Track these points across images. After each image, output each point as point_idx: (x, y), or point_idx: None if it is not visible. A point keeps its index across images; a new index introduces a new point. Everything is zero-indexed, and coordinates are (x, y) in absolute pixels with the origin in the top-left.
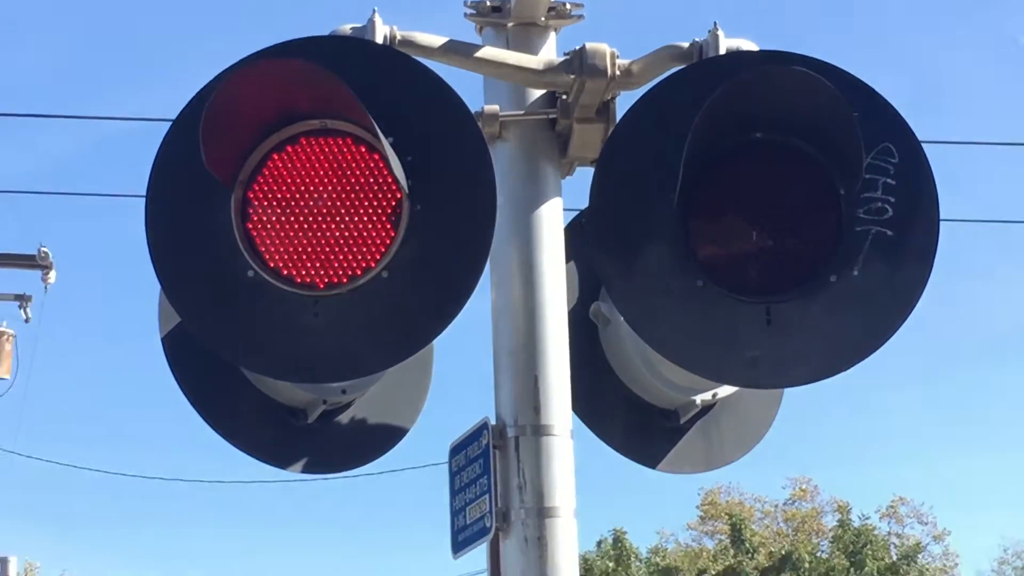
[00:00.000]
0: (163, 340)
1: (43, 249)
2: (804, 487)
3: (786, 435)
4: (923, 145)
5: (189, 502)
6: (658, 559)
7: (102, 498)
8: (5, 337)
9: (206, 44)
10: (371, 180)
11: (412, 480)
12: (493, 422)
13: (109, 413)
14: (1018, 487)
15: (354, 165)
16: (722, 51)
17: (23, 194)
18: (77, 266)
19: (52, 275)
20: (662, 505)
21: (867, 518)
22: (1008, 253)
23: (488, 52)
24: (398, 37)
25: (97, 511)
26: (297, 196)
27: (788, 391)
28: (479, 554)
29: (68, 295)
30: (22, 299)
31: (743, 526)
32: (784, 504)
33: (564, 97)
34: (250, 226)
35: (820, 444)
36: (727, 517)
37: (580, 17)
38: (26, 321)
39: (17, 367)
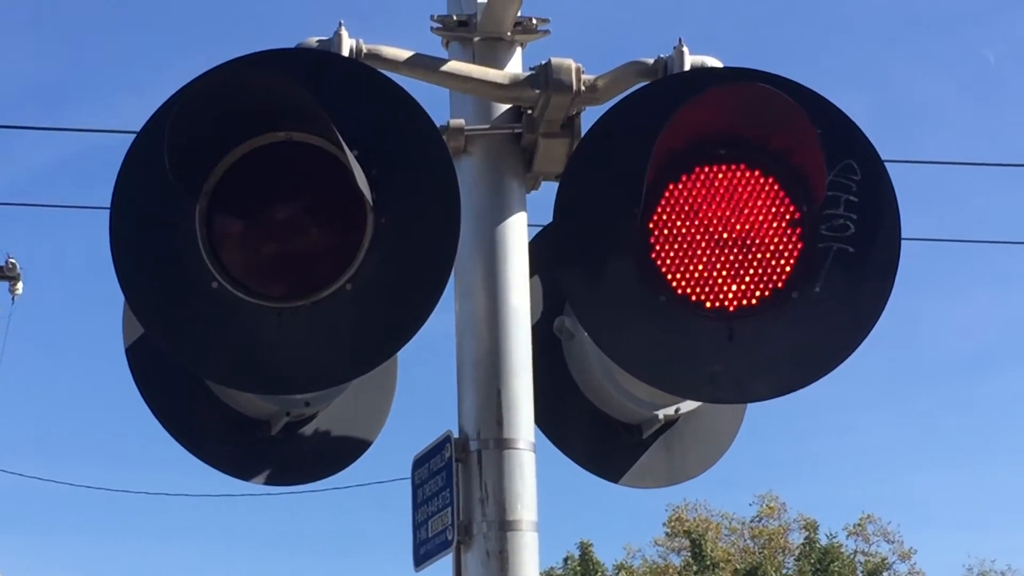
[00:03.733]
0: (127, 351)
1: (11, 260)
2: (771, 504)
3: (754, 453)
4: (885, 163)
5: (154, 515)
6: (624, 575)
7: (66, 510)
8: None
9: (175, 57)
10: (336, 193)
11: (375, 495)
12: (456, 435)
13: (74, 425)
14: (985, 506)
15: (319, 177)
16: (687, 67)
17: None
18: (45, 278)
19: (19, 286)
20: (629, 521)
21: (834, 536)
22: (975, 273)
23: (454, 66)
24: (364, 50)
25: (61, 523)
26: (262, 208)
27: (753, 408)
28: (442, 568)
29: (36, 307)
30: None
31: (703, 542)
32: (751, 521)
33: (529, 112)
34: (215, 237)
35: (789, 462)
36: (691, 534)
37: (546, 32)
38: None
39: None
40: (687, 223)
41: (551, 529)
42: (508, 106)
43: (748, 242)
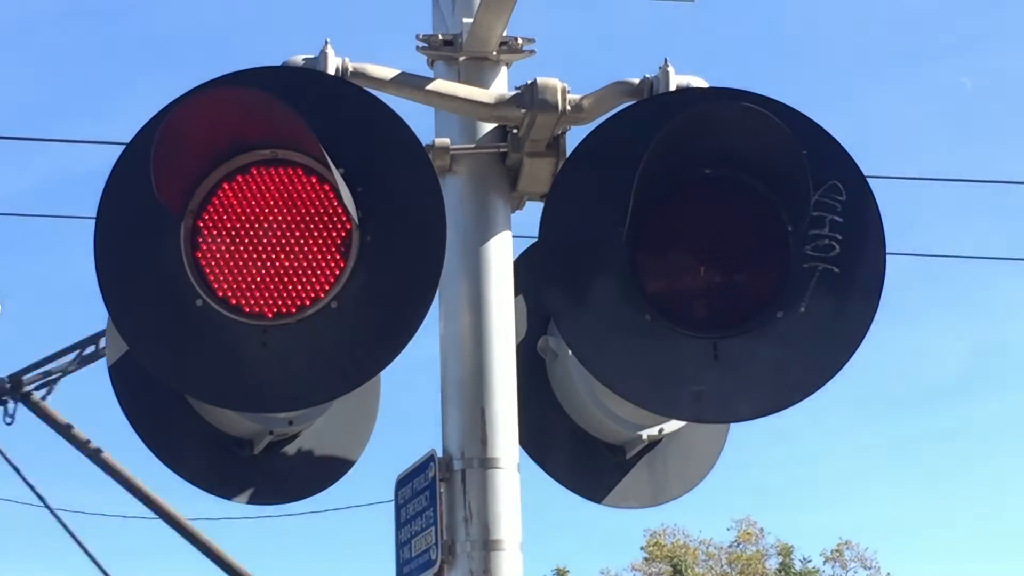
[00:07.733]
0: (110, 369)
1: None
2: (749, 530)
3: (733, 478)
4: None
5: (138, 538)
6: None
7: (47, 535)
8: None
9: (159, 75)
10: (321, 211)
11: (357, 517)
12: (440, 455)
13: (55, 448)
14: (962, 533)
15: (304, 195)
16: (672, 87)
17: None
18: (24, 299)
19: None
20: (607, 544)
21: (809, 561)
22: (947, 299)
23: (439, 85)
24: (350, 69)
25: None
26: (247, 226)
27: (736, 430)
28: None
29: (14, 329)
30: None
31: (684, 566)
32: (729, 546)
33: (515, 131)
34: (199, 255)
35: (768, 487)
36: (669, 559)
37: (531, 52)
38: None
39: None
40: (673, 242)
41: (527, 551)
42: (493, 125)
43: (734, 261)
